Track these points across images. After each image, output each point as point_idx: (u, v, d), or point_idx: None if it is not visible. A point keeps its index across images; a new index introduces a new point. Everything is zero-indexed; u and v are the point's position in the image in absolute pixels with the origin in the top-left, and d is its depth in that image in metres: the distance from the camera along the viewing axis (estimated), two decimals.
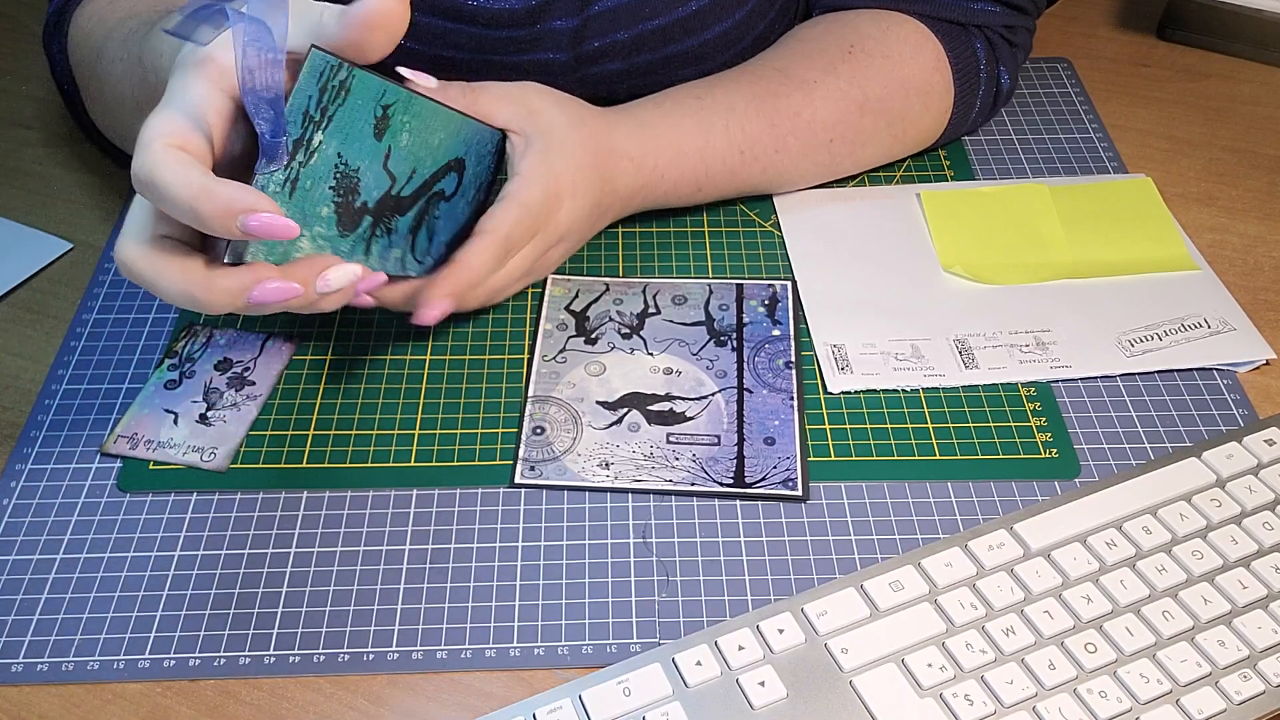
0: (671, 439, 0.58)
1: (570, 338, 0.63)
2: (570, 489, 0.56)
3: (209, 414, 0.59)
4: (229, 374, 0.61)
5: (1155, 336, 0.63)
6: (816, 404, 0.60)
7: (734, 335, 0.63)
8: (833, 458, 0.58)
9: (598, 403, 0.60)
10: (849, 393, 0.60)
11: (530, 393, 0.60)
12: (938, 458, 0.58)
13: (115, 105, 0.63)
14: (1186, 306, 0.65)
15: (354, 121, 0.51)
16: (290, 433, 0.59)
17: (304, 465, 0.57)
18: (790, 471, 0.56)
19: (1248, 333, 0.63)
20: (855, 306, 0.65)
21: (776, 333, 0.63)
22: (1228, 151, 0.77)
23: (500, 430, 0.59)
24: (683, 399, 0.60)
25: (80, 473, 0.57)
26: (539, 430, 0.58)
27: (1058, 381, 0.61)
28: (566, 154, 0.59)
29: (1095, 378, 0.62)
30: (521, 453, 0.58)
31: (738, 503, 0.56)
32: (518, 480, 0.56)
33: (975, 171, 0.74)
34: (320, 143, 0.50)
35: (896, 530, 0.55)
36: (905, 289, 0.66)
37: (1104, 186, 0.72)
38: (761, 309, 0.64)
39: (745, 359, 0.62)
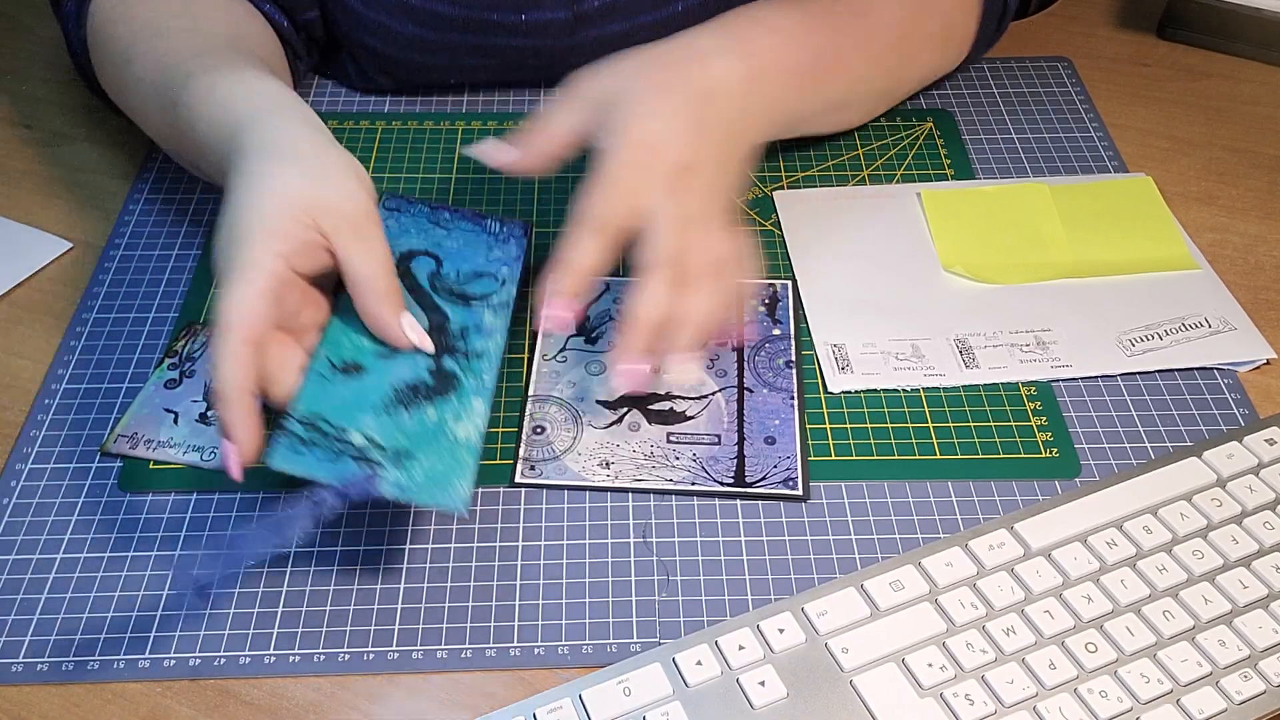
0: (672, 438, 0.58)
1: (570, 337, 0.63)
2: (570, 488, 0.56)
3: (209, 413, 0.59)
4: None
5: (1155, 336, 0.63)
6: (817, 403, 0.60)
7: (735, 335, 0.63)
8: (833, 457, 0.58)
9: (598, 402, 0.60)
10: (849, 392, 0.60)
11: (531, 392, 0.60)
12: (938, 457, 0.58)
13: (139, 111, 0.65)
14: (1187, 306, 0.65)
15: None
16: None
17: None
18: (790, 471, 0.56)
19: (1248, 332, 0.63)
20: (855, 306, 0.65)
21: (777, 332, 0.63)
22: (1228, 151, 0.77)
23: (500, 430, 0.59)
24: (683, 398, 0.60)
25: (80, 473, 0.57)
26: (539, 430, 0.58)
27: (1058, 381, 0.61)
28: (627, 90, 0.55)
29: (1096, 377, 0.62)
30: (522, 452, 0.58)
31: (738, 502, 0.56)
32: (518, 480, 0.56)
33: (976, 171, 0.74)
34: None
35: (897, 530, 0.55)
36: (905, 288, 0.66)
37: (1104, 186, 0.72)
38: (762, 308, 0.64)
39: (745, 358, 0.62)
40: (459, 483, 0.50)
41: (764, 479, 0.56)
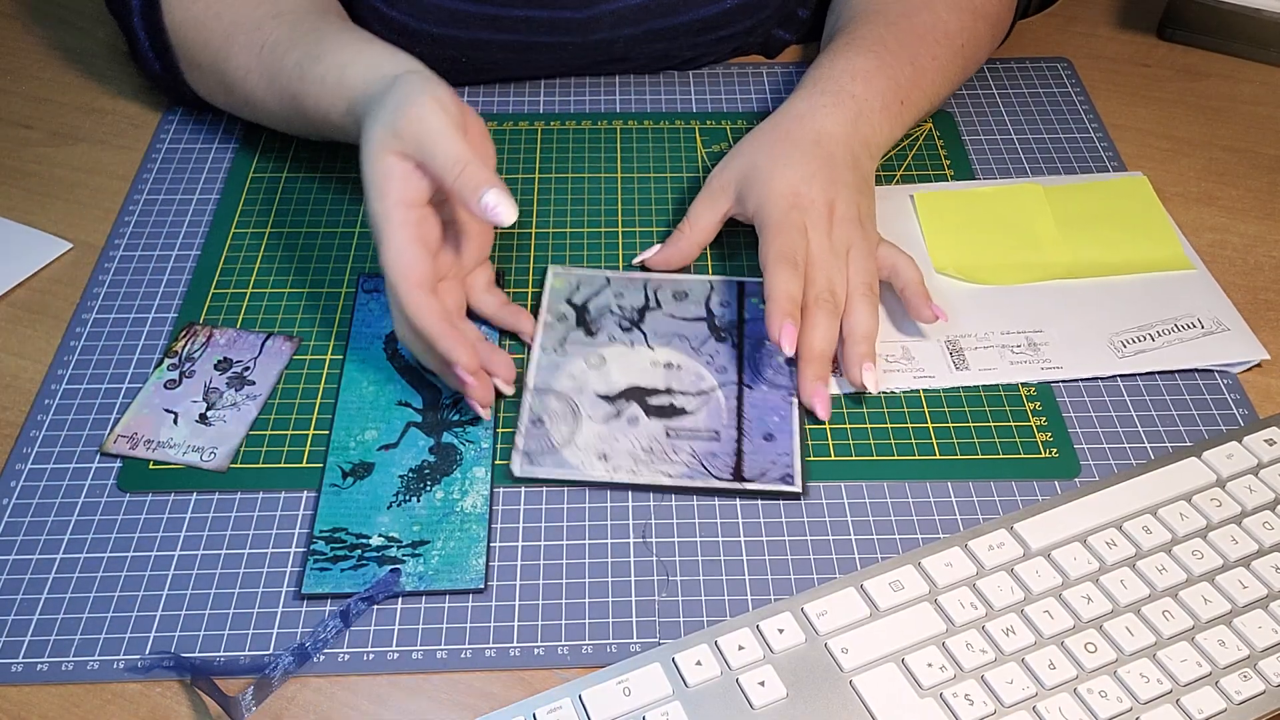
0: (670, 433, 0.58)
1: (571, 330, 0.63)
2: (568, 483, 0.56)
3: (209, 414, 0.59)
4: (229, 374, 0.61)
5: (1148, 337, 0.63)
6: None
7: (734, 331, 0.63)
8: (833, 457, 0.58)
9: (597, 395, 0.60)
10: (835, 395, 0.60)
11: (530, 384, 0.60)
12: (938, 457, 0.58)
13: (249, 104, 0.69)
14: (1180, 306, 0.65)
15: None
16: (290, 433, 0.59)
17: (304, 465, 0.57)
18: (788, 468, 0.56)
19: (1242, 333, 0.63)
20: None
21: None
22: (1228, 151, 0.77)
23: (500, 430, 0.59)
24: (682, 393, 0.60)
25: (80, 473, 0.57)
26: (538, 421, 0.58)
27: (1055, 381, 0.61)
28: (754, 164, 0.64)
29: (1094, 377, 0.62)
30: (520, 444, 0.57)
31: (738, 501, 0.56)
32: (515, 473, 0.56)
33: (975, 171, 0.74)
34: None
35: (896, 530, 0.55)
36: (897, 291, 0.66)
37: (1099, 185, 0.72)
38: (762, 306, 0.64)
39: (745, 355, 0.62)
40: (473, 560, 0.53)
41: (762, 475, 0.56)
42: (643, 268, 0.66)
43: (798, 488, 0.56)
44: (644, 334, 0.63)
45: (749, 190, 0.63)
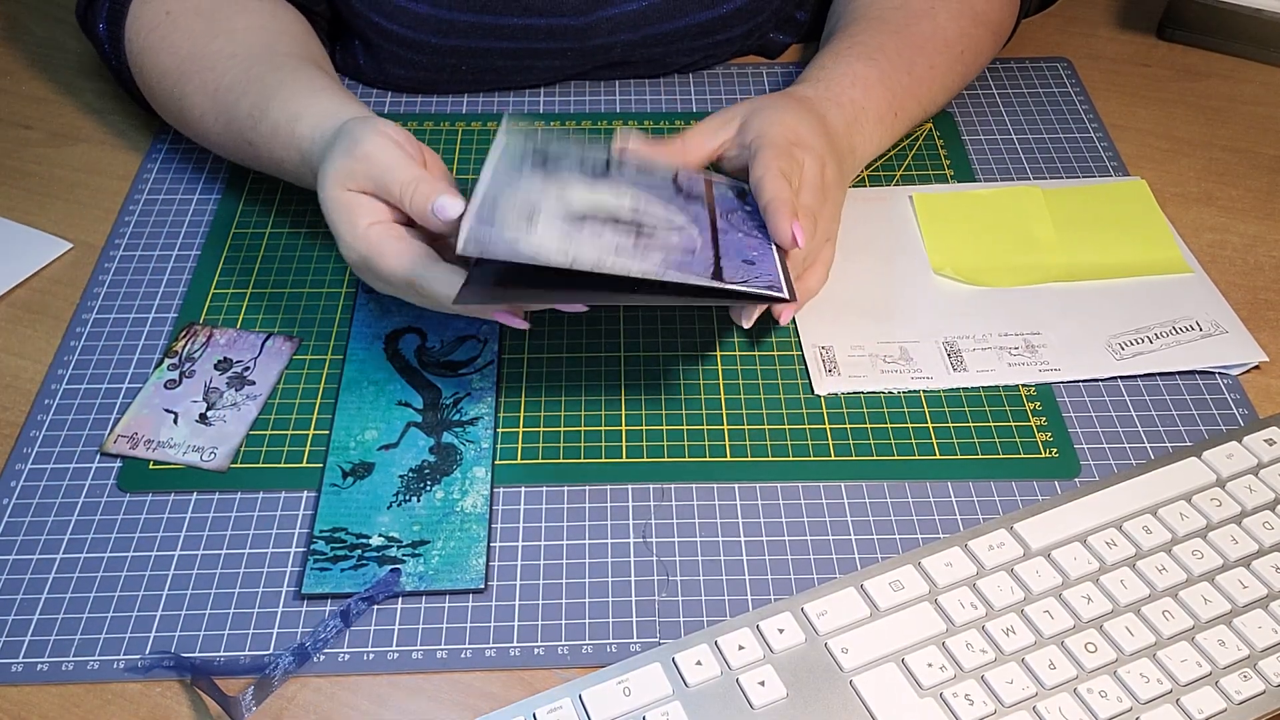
0: (641, 239, 0.52)
1: (528, 163, 0.55)
2: (521, 266, 0.48)
3: (209, 414, 0.59)
4: (229, 374, 0.61)
5: (1146, 339, 0.63)
6: (815, 403, 0.60)
7: (703, 197, 0.58)
8: (833, 458, 0.58)
9: (555, 216, 0.51)
10: (835, 395, 0.60)
11: (482, 186, 0.51)
12: (938, 458, 0.58)
13: (199, 135, 0.69)
14: (1178, 309, 0.65)
15: None
16: (290, 432, 0.59)
17: (304, 465, 0.57)
18: (773, 279, 0.52)
19: (1239, 335, 0.63)
20: (845, 308, 0.64)
21: (749, 208, 0.59)
22: (1228, 151, 0.77)
23: (501, 431, 0.59)
24: (651, 223, 0.53)
25: (80, 473, 0.57)
26: (490, 203, 0.50)
27: (1054, 383, 0.61)
28: (766, 103, 0.63)
29: (1094, 378, 0.62)
30: (468, 223, 0.49)
31: (736, 485, 0.56)
32: (461, 249, 0.48)
33: (975, 172, 0.74)
34: None
35: (896, 530, 0.55)
36: (895, 291, 0.66)
37: (1098, 189, 0.72)
38: (730, 193, 0.61)
39: (718, 213, 0.58)
40: (473, 560, 0.53)
41: (744, 282, 0.51)
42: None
43: (786, 294, 0.52)
44: (607, 182, 0.56)
45: (754, 120, 0.62)
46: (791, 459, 0.58)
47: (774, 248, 0.56)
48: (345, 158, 0.55)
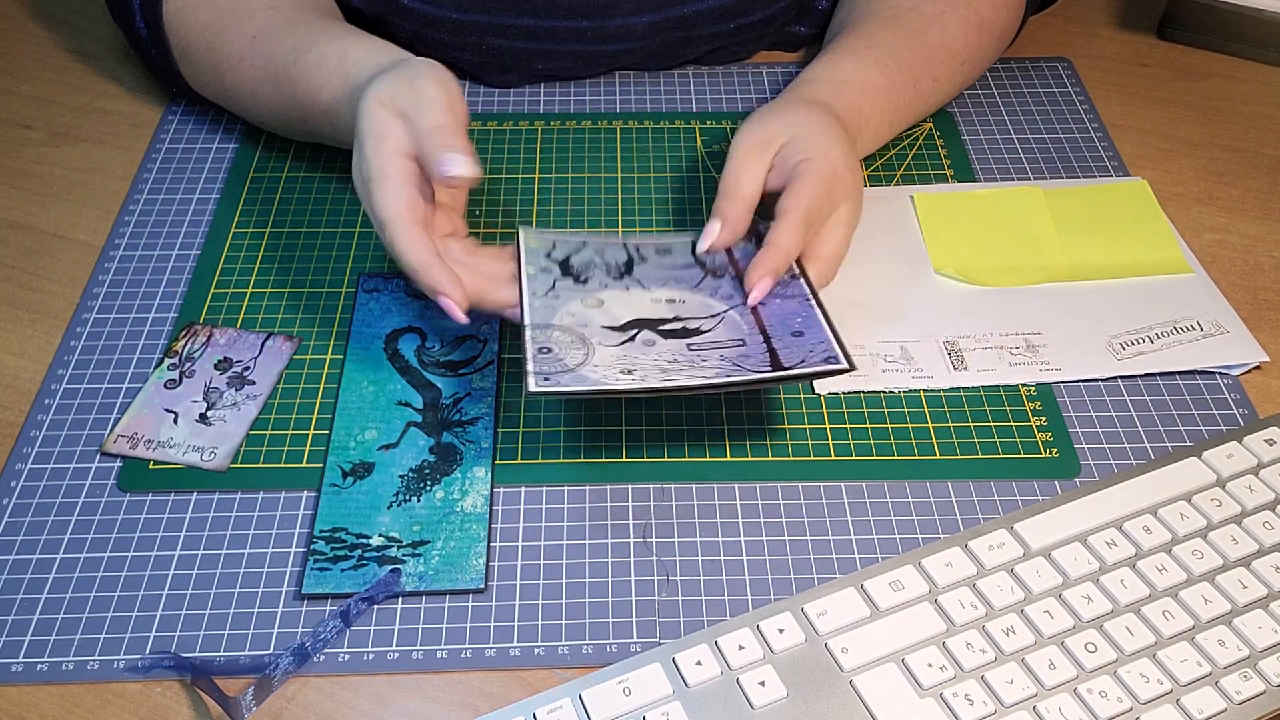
0: (693, 346, 0.55)
1: (558, 280, 0.59)
2: (593, 395, 0.52)
3: (209, 413, 0.59)
4: (229, 373, 0.61)
5: (1146, 339, 0.63)
6: (816, 403, 0.60)
7: (729, 268, 0.60)
8: (833, 458, 0.58)
9: (604, 327, 0.56)
10: (835, 394, 0.60)
11: (527, 321, 0.55)
12: (938, 457, 0.58)
13: (241, 92, 0.70)
14: (1179, 309, 0.65)
15: None
16: (290, 432, 0.59)
17: (304, 465, 0.57)
18: (829, 350, 0.53)
19: (1240, 335, 0.63)
20: (846, 307, 0.64)
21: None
22: (1228, 151, 0.77)
23: (501, 430, 0.59)
24: (694, 319, 0.57)
25: (80, 472, 0.57)
26: (545, 350, 0.53)
27: (1054, 383, 0.61)
28: (813, 126, 0.63)
29: (1094, 378, 0.62)
30: (531, 366, 0.52)
31: (736, 485, 0.56)
32: (532, 389, 0.51)
33: (976, 172, 0.74)
34: None
35: (896, 530, 0.55)
36: (896, 290, 0.66)
37: (1099, 189, 0.72)
38: (751, 245, 0.61)
39: (746, 278, 0.59)
40: (473, 560, 0.53)
41: (802, 362, 0.53)
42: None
43: (845, 365, 0.53)
44: (638, 280, 0.60)
45: (799, 145, 0.61)
46: (791, 459, 0.58)
47: (815, 306, 0.57)
48: (399, 80, 0.57)
